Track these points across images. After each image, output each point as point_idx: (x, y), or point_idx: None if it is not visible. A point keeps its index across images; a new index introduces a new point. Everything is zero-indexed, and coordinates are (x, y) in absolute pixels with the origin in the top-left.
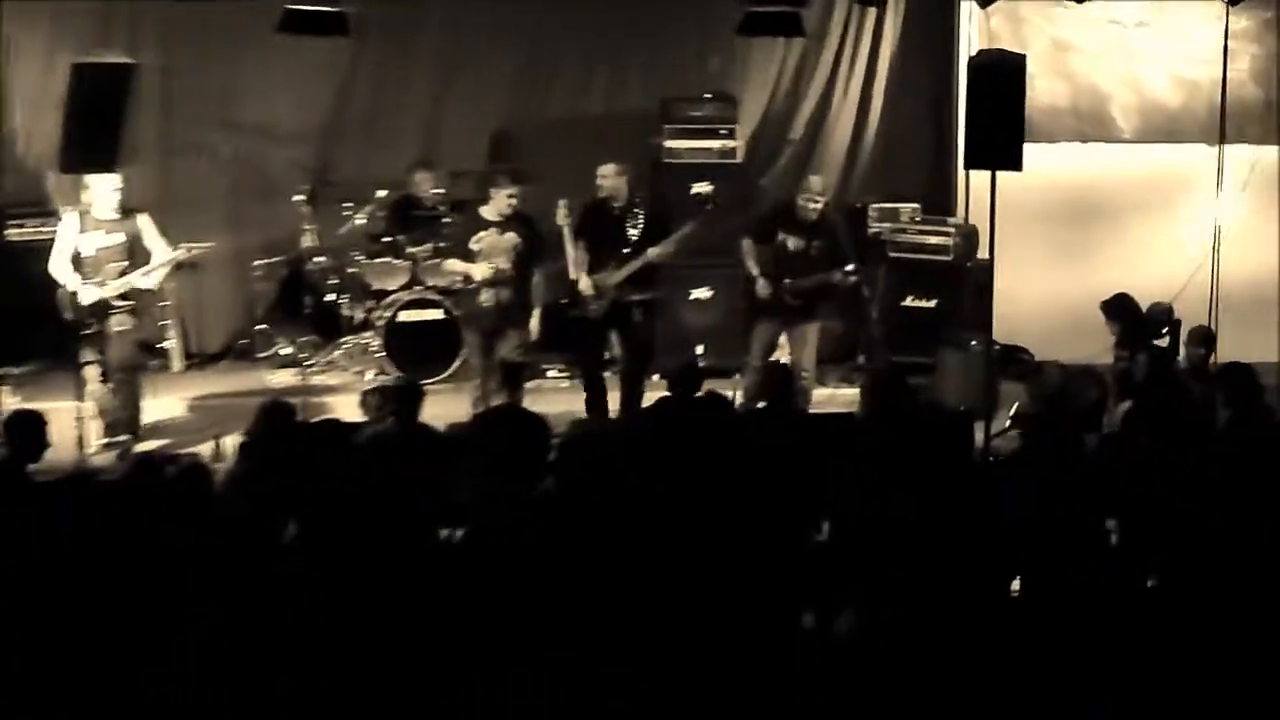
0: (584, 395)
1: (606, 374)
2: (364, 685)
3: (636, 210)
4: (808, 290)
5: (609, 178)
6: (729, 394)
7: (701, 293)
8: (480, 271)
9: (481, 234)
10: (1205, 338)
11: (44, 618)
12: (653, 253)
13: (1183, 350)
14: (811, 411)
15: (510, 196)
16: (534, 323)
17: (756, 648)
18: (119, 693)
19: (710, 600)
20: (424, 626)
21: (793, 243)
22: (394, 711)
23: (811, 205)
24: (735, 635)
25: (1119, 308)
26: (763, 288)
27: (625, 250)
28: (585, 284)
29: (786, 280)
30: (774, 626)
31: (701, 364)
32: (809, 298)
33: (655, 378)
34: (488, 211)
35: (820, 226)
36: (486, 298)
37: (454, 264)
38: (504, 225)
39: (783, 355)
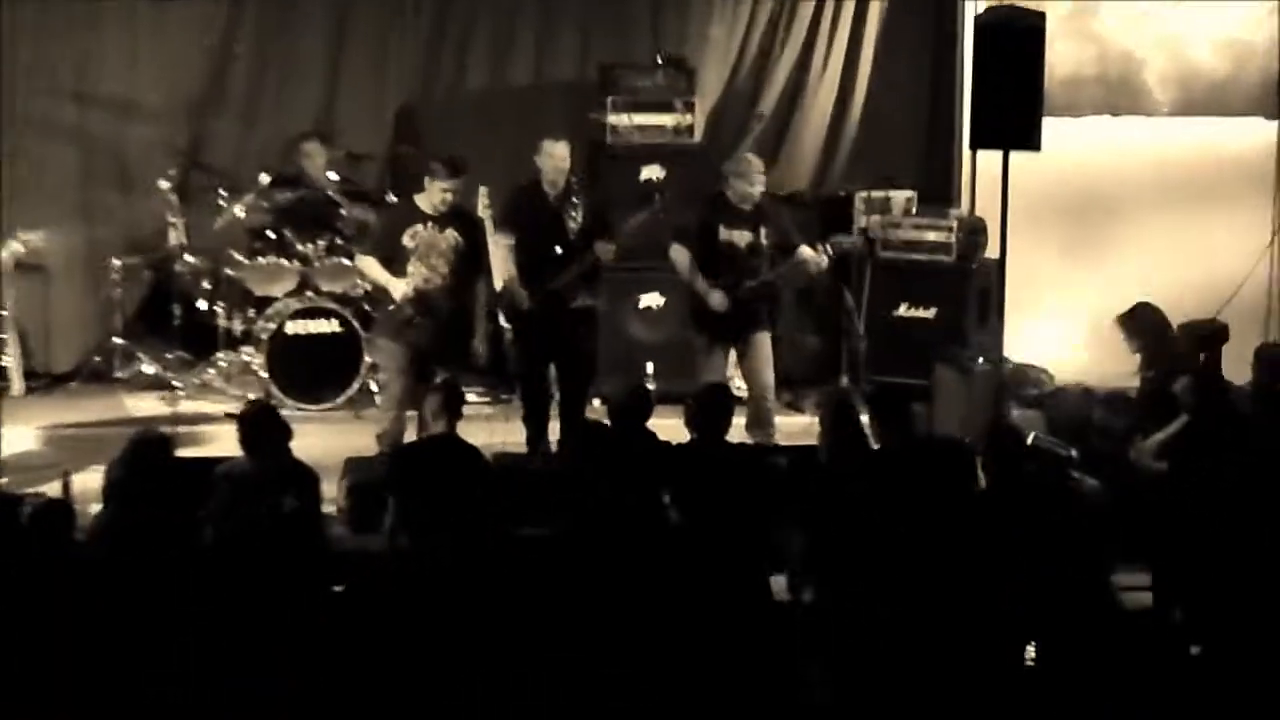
0: (515, 424)
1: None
2: None
3: (574, 200)
4: (771, 288)
5: (555, 159)
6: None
7: (651, 300)
8: (399, 287)
9: (417, 228)
10: (1276, 359)
11: None
12: (599, 250)
13: (1223, 369)
14: (774, 444)
15: (446, 190)
16: (479, 338)
17: None
18: None
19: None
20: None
21: (738, 237)
22: None
23: (750, 189)
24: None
25: (1140, 321)
26: (718, 300)
27: (562, 249)
28: (517, 290)
29: (747, 283)
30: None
31: (651, 387)
32: (771, 299)
33: (595, 403)
34: (422, 202)
35: (765, 214)
36: (418, 309)
37: (371, 267)
38: (441, 222)
39: (737, 377)
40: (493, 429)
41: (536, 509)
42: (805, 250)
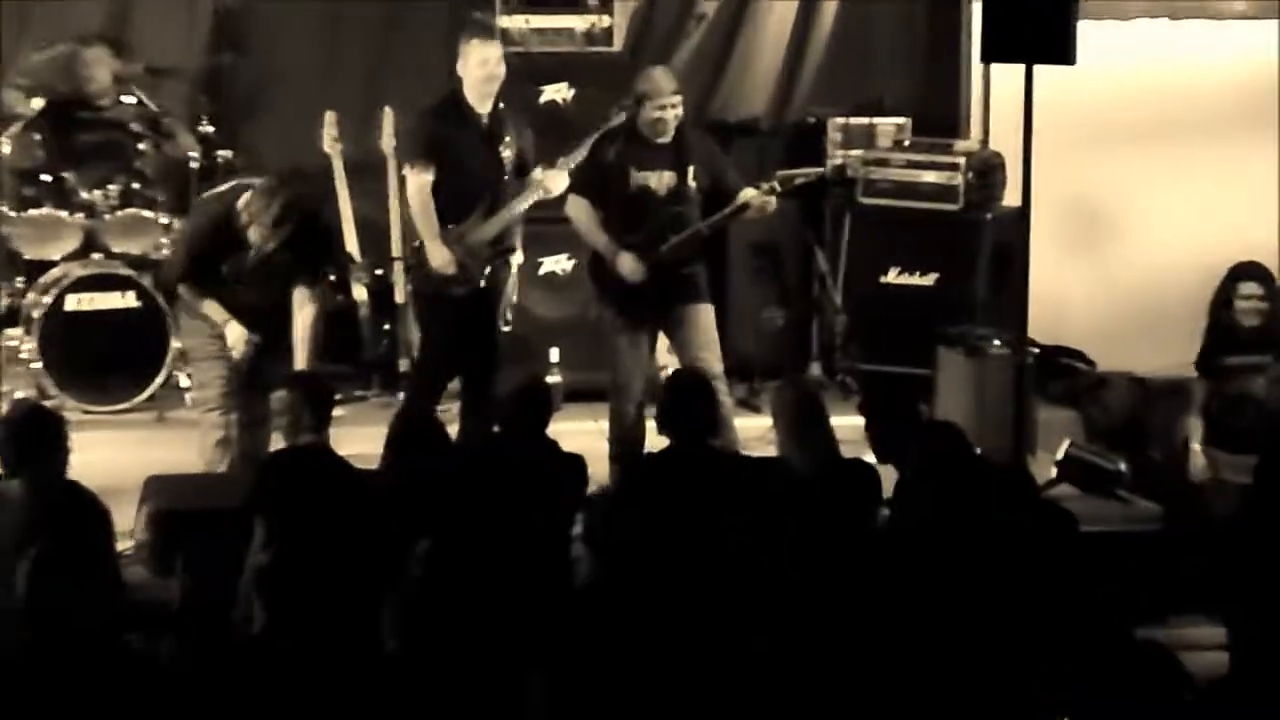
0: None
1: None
2: None
3: (504, 122)
4: (700, 244)
5: (487, 64)
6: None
7: (556, 264)
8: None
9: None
10: None
11: None
12: (547, 181)
13: None
14: (731, 452)
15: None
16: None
17: None
18: None
19: None
20: None
21: (655, 180)
22: None
23: (663, 116)
24: None
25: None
26: (629, 265)
27: (495, 193)
28: (438, 252)
29: (671, 240)
30: None
31: (554, 380)
32: (704, 259)
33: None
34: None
35: (687, 148)
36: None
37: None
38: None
39: (670, 363)
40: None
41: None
42: (747, 192)
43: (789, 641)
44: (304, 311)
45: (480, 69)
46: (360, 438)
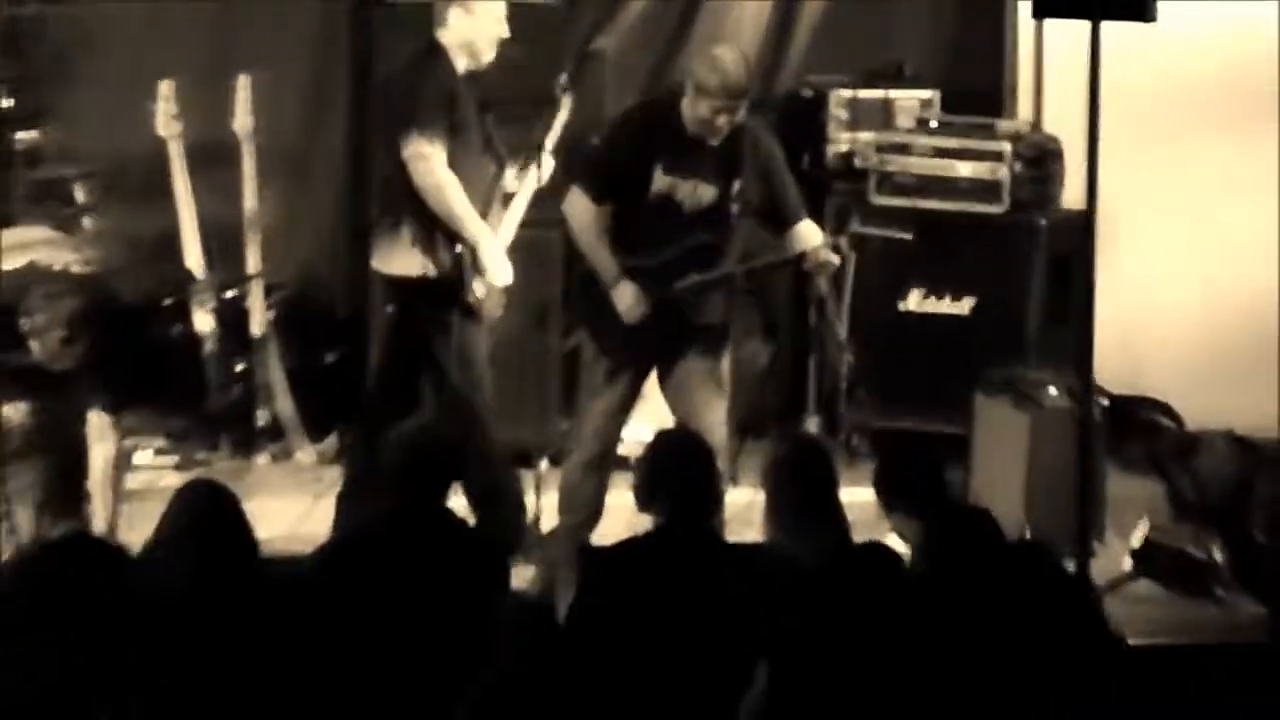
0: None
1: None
2: None
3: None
4: (730, 286)
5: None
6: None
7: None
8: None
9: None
10: None
11: None
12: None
13: None
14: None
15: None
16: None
17: None
18: None
19: None
20: None
21: (688, 192)
22: None
23: (716, 117)
24: None
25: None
26: (630, 300)
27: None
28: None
29: (693, 277)
30: None
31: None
32: (727, 303)
33: None
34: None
35: (735, 152)
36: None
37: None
38: None
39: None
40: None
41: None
42: (805, 234)
43: None
44: (101, 446)
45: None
46: None
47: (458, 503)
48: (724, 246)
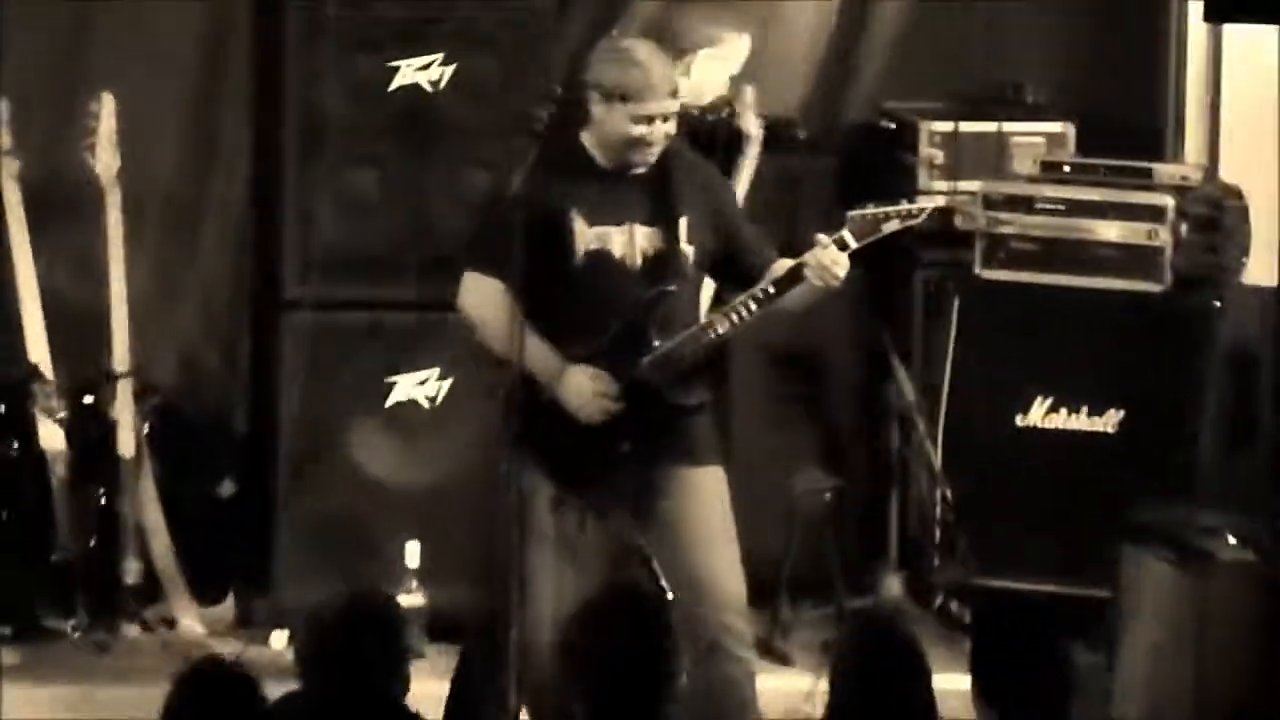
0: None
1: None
2: None
3: None
4: (706, 359)
5: None
6: None
7: (415, 388)
8: None
9: None
10: None
11: None
12: None
13: None
14: None
15: None
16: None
17: None
18: None
19: None
20: None
21: (622, 240)
22: None
23: (645, 130)
24: None
25: None
26: (584, 392)
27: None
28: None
29: (656, 347)
30: None
31: (409, 599)
32: (713, 380)
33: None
34: None
35: (670, 181)
36: None
37: None
38: None
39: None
40: None
41: None
42: (810, 258)
43: None
44: None
45: None
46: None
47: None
48: (683, 302)
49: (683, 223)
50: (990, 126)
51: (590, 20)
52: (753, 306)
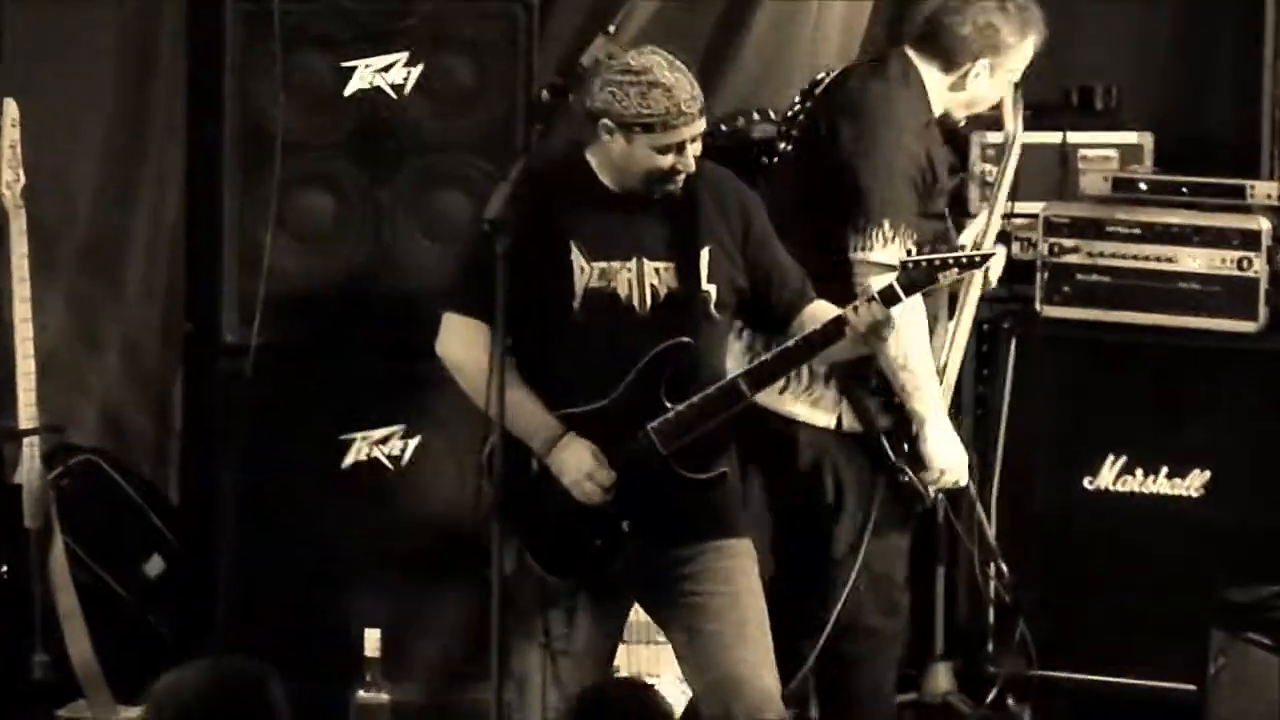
0: None
1: None
2: None
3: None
4: (713, 418)
5: None
6: None
7: (385, 444)
8: None
9: None
10: None
11: None
12: None
13: None
14: None
15: None
16: None
17: None
18: None
19: None
20: None
21: (629, 279)
22: None
23: (663, 159)
24: None
25: None
26: (584, 466)
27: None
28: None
29: (671, 408)
30: None
31: (370, 698)
32: (709, 452)
33: None
34: None
35: (695, 209)
36: None
37: None
38: None
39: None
40: None
41: None
42: (824, 309)
43: None
44: None
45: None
46: None
47: None
48: (707, 352)
49: (704, 256)
50: (1054, 137)
51: (583, 12)
52: (782, 364)
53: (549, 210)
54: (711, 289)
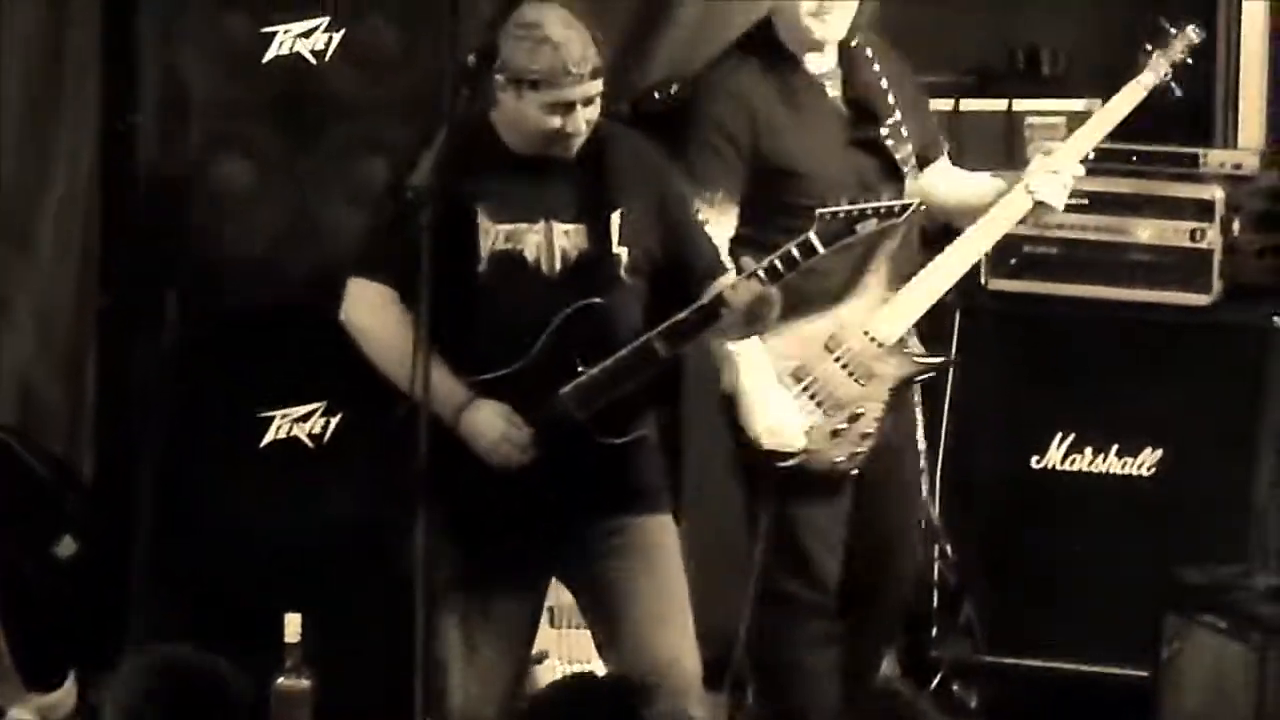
0: None
1: None
2: None
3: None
4: (629, 383)
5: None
6: None
7: (305, 422)
8: None
9: None
10: None
11: None
12: None
13: None
14: None
15: None
16: None
17: None
18: None
19: None
20: None
21: (538, 242)
22: None
23: (565, 116)
24: None
25: None
26: (496, 429)
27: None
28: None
29: (583, 372)
30: None
31: (292, 684)
32: (655, 399)
33: None
34: None
35: (603, 169)
36: None
37: None
38: None
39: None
40: None
41: None
42: (723, 280)
43: None
44: None
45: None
46: None
47: None
48: (620, 315)
49: (615, 219)
50: (999, 104)
51: None
52: (694, 324)
53: (454, 175)
54: (622, 252)
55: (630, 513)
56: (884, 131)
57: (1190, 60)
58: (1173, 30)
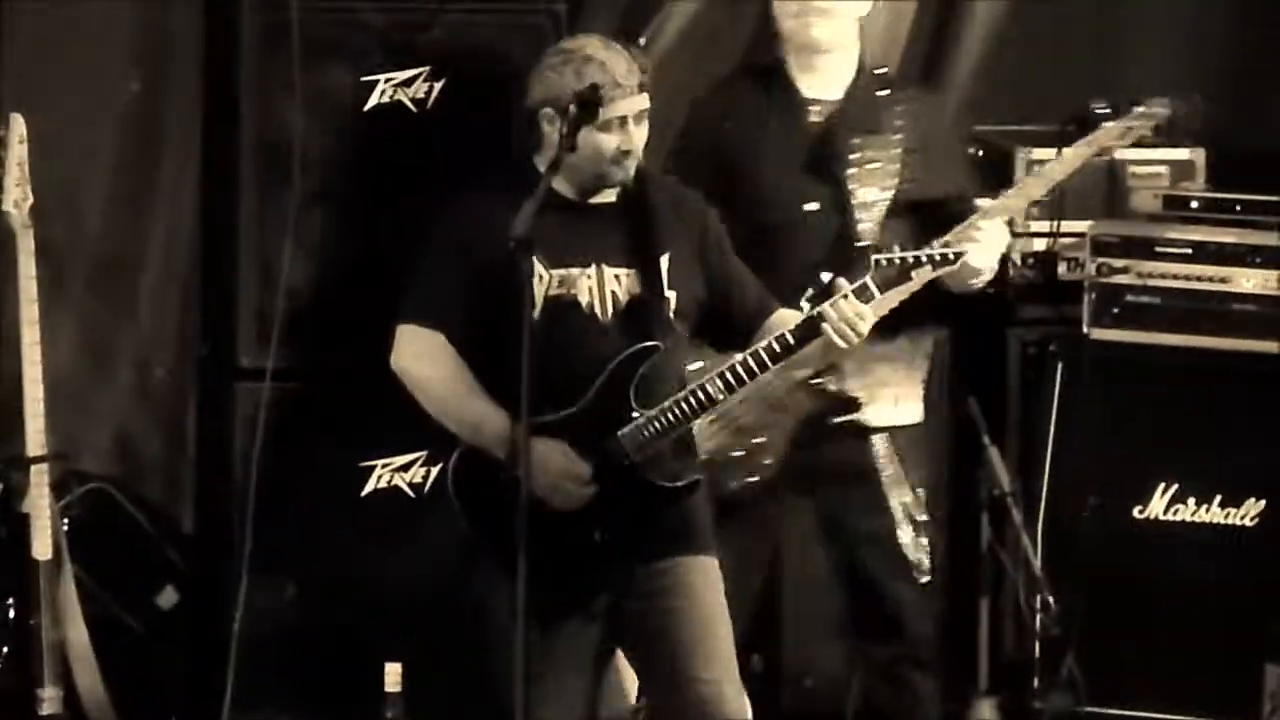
0: None
1: None
2: None
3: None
4: (680, 430)
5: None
6: None
7: (406, 471)
8: None
9: None
10: None
11: None
12: None
13: None
14: None
15: None
16: None
17: None
18: None
19: None
20: None
21: (589, 285)
22: None
23: (610, 145)
24: None
25: None
26: (556, 469)
27: None
28: None
29: (636, 419)
30: None
31: None
32: (676, 465)
33: None
34: None
35: (650, 211)
36: None
37: None
38: None
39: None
40: None
41: None
42: (790, 315)
43: None
44: None
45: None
46: None
47: None
48: (672, 358)
49: (664, 262)
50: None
51: (614, 20)
52: (755, 367)
53: (505, 217)
54: (672, 296)
55: (680, 553)
56: (850, 171)
57: (1153, 134)
58: (1135, 106)
